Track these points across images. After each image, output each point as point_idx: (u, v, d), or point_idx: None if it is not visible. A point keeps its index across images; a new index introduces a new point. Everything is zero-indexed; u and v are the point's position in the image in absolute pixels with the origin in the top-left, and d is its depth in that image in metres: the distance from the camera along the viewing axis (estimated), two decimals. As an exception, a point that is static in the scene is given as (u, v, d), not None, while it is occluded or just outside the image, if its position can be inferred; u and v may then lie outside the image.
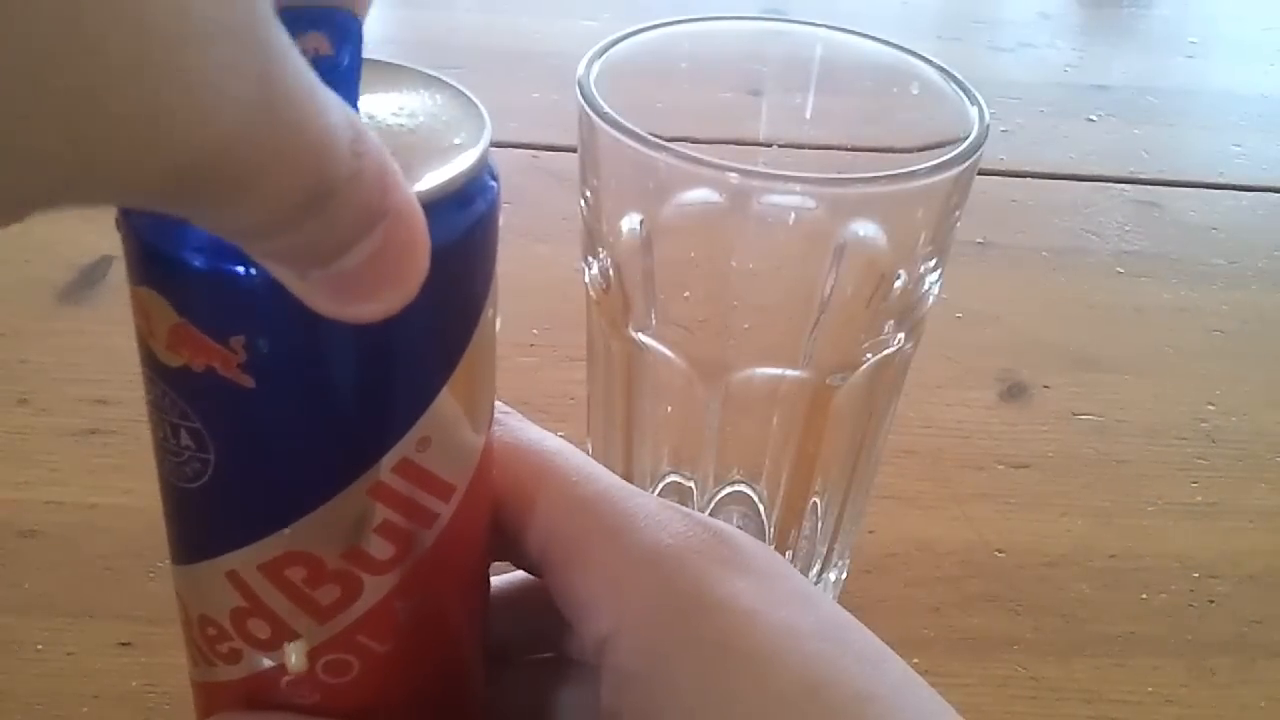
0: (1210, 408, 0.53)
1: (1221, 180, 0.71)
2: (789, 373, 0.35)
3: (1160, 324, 0.59)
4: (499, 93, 0.73)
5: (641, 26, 0.36)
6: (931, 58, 0.36)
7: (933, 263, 0.34)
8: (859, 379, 0.36)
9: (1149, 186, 0.70)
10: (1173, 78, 0.86)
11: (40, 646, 0.39)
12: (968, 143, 0.33)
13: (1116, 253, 0.64)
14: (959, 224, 0.34)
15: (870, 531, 0.44)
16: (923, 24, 0.95)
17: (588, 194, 0.35)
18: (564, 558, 0.27)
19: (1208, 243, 0.65)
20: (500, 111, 0.23)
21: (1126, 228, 0.66)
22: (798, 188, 0.33)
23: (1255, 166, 0.73)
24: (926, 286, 0.35)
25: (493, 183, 0.23)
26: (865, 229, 0.33)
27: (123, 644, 0.39)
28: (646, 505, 0.27)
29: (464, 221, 0.22)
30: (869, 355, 0.35)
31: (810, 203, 0.33)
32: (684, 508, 0.27)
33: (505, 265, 0.24)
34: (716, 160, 0.31)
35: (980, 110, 0.34)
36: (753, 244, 0.34)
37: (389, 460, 0.23)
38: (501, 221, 0.23)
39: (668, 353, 0.35)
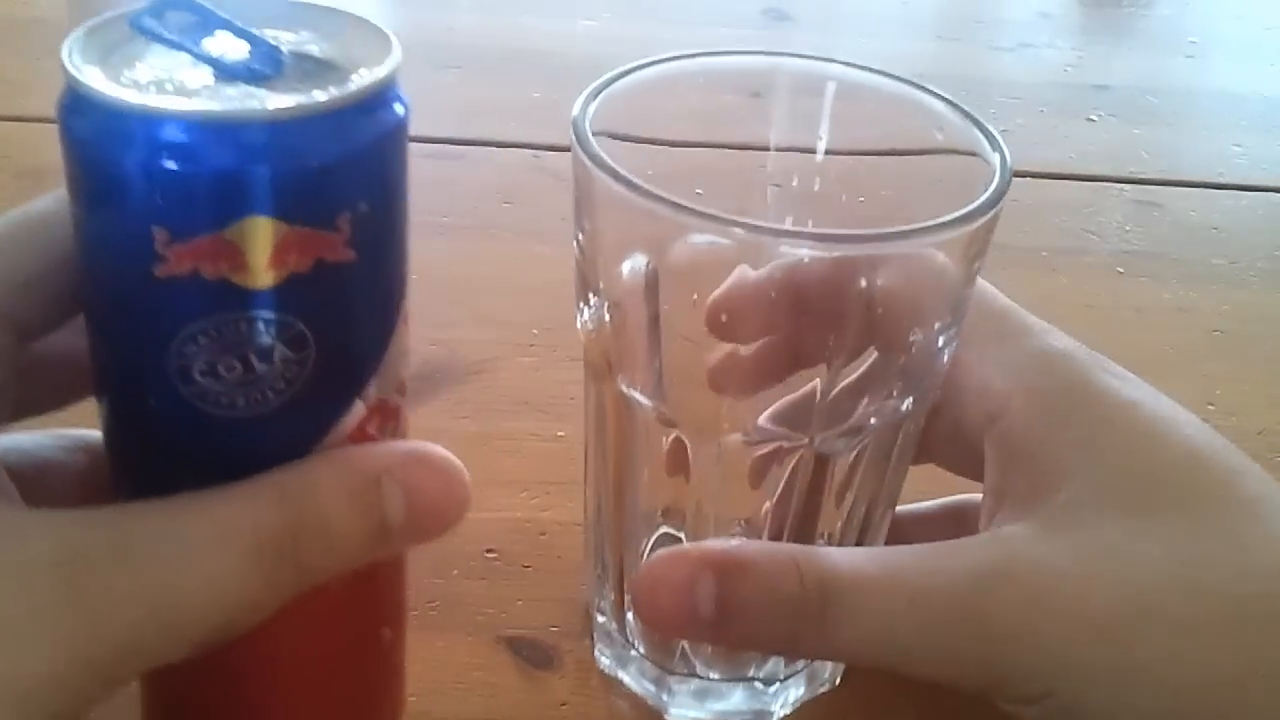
0: (1210, 408, 0.53)
1: (1221, 180, 0.71)
2: (790, 436, 0.33)
3: (1160, 324, 0.59)
4: (499, 93, 0.73)
5: (639, 64, 0.34)
6: (950, 97, 0.34)
7: (948, 320, 0.32)
8: (863, 445, 0.33)
9: (1149, 186, 0.70)
10: (1173, 78, 0.86)
11: (40, 647, 0.38)
12: (988, 195, 0.30)
13: (1116, 253, 0.64)
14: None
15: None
16: (923, 24, 0.95)
17: (580, 237, 0.33)
18: (965, 353, 0.32)
19: (1208, 243, 0.65)
20: (500, 111, 0.23)
21: (1126, 228, 0.66)
22: (807, 244, 0.30)
23: (1255, 166, 0.73)
24: (940, 345, 0.32)
25: (400, 105, 0.25)
26: (877, 287, 0.30)
27: (123, 644, 0.39)
28: (1041, 322, 0.33)
29: (372, 130, 0.24)
30: (874, 420, 0.33)
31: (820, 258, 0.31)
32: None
33: (505, 265, 0.24)
34: (721, 214, 0.28)
35: (1003, 157, 0.31)
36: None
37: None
38: (501, 221, 0.23)
39: (659, 408, 0.33)
